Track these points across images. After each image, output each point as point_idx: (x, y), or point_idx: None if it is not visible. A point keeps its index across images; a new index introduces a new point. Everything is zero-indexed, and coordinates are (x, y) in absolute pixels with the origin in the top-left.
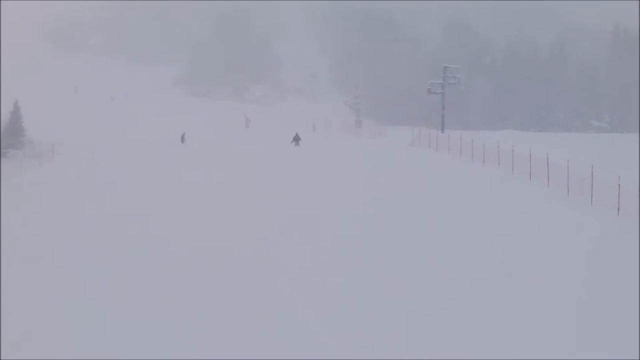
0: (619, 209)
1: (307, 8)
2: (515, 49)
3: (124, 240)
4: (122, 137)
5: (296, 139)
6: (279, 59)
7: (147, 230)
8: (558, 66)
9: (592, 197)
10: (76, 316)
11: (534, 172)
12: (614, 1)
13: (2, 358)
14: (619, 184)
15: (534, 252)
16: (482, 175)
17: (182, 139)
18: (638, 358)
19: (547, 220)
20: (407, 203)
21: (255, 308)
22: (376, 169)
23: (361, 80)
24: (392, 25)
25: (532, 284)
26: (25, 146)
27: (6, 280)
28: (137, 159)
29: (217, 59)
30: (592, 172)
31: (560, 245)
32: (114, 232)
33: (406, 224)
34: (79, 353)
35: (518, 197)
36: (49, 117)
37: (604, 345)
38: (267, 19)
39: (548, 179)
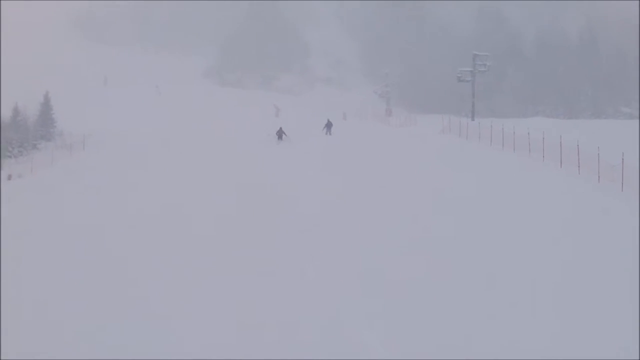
0: None
1: None
2: (546, 36)
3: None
4: (155, 127)
5: (328, 125)
6: (308, 47)
7: (179, 225)
8: (588, 53)
9: (622, 183)
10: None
11: (565, 159)
12: None
13: (2, 358)
14: None
15: (564, 237)
16: (513, 162)
17: (279, 134)
18: (638, 358)
19: (578, 206)
20: (440, 190)
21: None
22: (411, 157)
23: (391, 68)
24: (423, 12)
25: (562, 264)
26: (56, 137)
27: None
28: (164, 150)
29: (247, 48)
30: (622, 159)
31: (590, 231)
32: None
33: (444, 209)
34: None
35: (549, 183)
36: (80, 108)
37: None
38: (297, 6)
39: (579, 166)
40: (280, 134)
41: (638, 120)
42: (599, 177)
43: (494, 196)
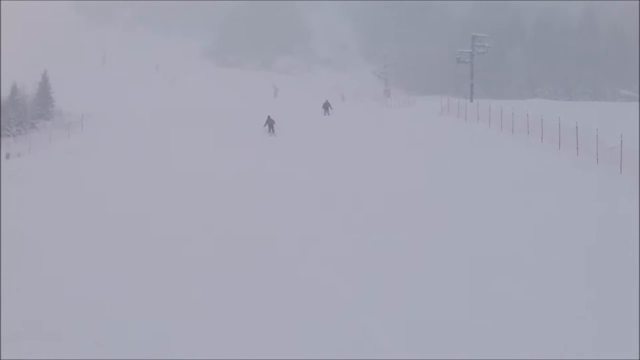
0: None
1: None
2: (545, 17)
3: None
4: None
5: (325, 106)
6: (307, 29)
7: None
8: (588, 35)
9: (621, 166)
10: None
11: (563, 141)
12: None
13: (2, 358)
14: None
15: (562, 219)
16: (511, 144)
17: (271, 126)
18: (638, 358)
19: (576, 188)
20: (441, 173)
21: None
22: (408, 138)
23: (390, 49)
24: None
25: (558, 248)
26: (54, 117)
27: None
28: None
29: (246, 30)
30: (621, 141)
31: (589, 213)
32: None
33: (445, 191)
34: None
35: (547, 165)
36: (78, 87)
37: None
38: None
39: (577, 148)
40: (270, 124)
41: (638, 103)
42: (597, 159)
43: (493, 177)
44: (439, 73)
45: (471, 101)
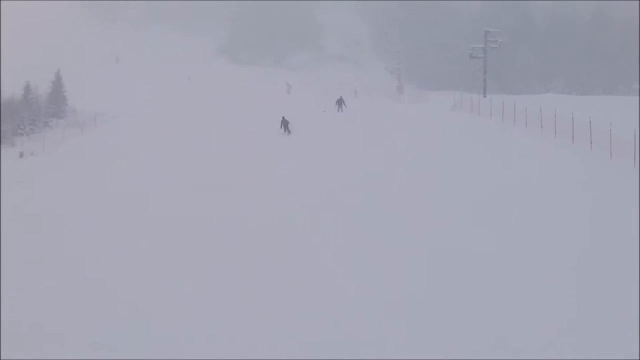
0: None
1: None
2: (557, 12)
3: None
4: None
5: (339, 103)
6: (320, 25)
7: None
8: (600, 28)
9: (634, 159)
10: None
11: (577, 136)
12: None
13: (2, 358)
14: None
15: (575, 213)
16: (525, 139)
17: (286, 126)
18: (638, 358)
19: (590, 182)
20: (454, 169)
21: None
22: (420, 134)
23: (402, 45)
24: None
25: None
26: (67, 115)
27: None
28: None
29: (258, 26)
30: (635, 135)
31: (602, 206)
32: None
33: (453, 190)
34: None
35: (561, 160)
36: (92, 86)
37: None
38: None
39: (591, 143)
40: (285, 124)
41: None
42: (610, 153)
43: (505, 172)
44: (452, 69)
45: (484, 96)
